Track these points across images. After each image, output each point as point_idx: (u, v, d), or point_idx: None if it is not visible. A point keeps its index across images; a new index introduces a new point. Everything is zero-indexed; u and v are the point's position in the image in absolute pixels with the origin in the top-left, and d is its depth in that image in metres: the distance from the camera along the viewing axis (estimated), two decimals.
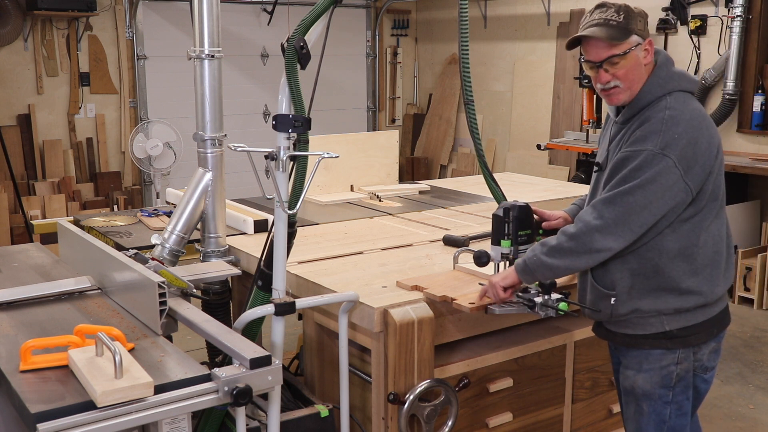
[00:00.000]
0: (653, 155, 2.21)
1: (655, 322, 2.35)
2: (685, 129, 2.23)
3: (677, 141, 2.21)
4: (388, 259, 3.06)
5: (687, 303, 2.32)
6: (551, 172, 7.79)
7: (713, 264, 2.34)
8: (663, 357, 2.37)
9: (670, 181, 2.21)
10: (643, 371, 2.41)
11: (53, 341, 2.01)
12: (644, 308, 2.34)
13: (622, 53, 2.30)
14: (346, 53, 8.94)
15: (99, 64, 7.51)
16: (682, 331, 2.34)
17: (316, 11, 2.45)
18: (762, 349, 5.05)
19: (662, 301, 2.32)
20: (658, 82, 2.33)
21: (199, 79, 2.98)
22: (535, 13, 8.09)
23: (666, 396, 2.40)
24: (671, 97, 2.31)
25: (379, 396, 2.54)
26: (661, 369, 2.38)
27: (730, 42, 6.21)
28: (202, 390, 1.91)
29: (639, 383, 2.42)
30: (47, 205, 7.02)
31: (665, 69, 2.36)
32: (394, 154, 4.64)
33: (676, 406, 2.41)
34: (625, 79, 2.33)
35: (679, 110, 2.27)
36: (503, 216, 2.51)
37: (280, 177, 2.47)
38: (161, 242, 2.93)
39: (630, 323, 2.39)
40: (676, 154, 2.21)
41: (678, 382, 2.39)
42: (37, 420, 1.72)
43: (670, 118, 2.25)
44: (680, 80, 2.35)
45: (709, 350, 2.42)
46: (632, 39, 2.31)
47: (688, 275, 2.31)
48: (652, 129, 2.25)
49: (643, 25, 2.34)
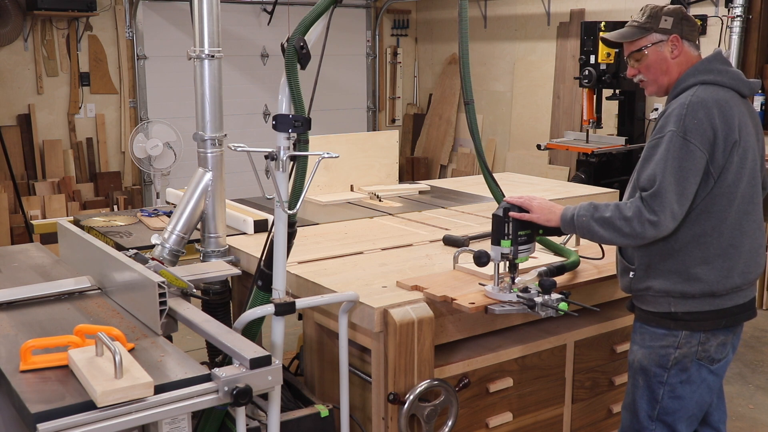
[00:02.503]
0: (677, 138, 2.32)
1: (663, 301, 2.47)
2: (706, 115, 2.34)
3: (698, 126, 2.33)
4: (388, 259, 3.06)
5: (692, 288, 2.42)
6: (551, 172, 7.79)
7: (726, 256, 2.42)
8: (664, 337, 2.49)
9: (698, 165, 2.33)
10: (644, 347, 2.54)
11: (53, 341, 2.01)
12: (656, 287, 2.46)
13: (637, 50, 2.52)
14: (346, 53, 8.94)
15: (99, 64, 7.51)
16: (686, 315, 2.45)
17: (316, 11, 2.45)
18: (762, 349, 5.05)
19: (671, 282, 2.44)
20: (694, 74, 2.46)
21: (199, 79, 2.98)
22: (535, 13, 8.09)
23: (660, 376, 2.51)
24: (701, 87, 2.43)
25: (379, 396, 2.54)
26: (660, 348, 2.50)
27: (730, 42, 6.21)
28: (202, 390, 1.91)
29: (638, 357, 2.56)
30: (47, 205, 7.02)
31: (706, 63, 2.48)
32: (394, 154, 4.64)
33: (670, 388, 2.51)
34: (647, 72, 2.53)
35: (702, 97, 2.37)
36: (503, 216, 2.51)
37: (280, 177, 2.47)
38: (161, 242, 2.93)
39: (644, 299, 2.53)
40: (698, 139, 2.32)
41: (674, 365, 2.49)
42: (37, 420, 1.71)
43: (692, 103, 2.36)
44: (719, 75, 2.45)
45: (717, 342, 2.48)
46: (652, 36, 2.50)
47: (699, 262, 2.41)
48: (674, 113, 2.37)
49: (671, 23, 2.49)
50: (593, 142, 6.66)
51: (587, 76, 6.24)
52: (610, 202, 2.45)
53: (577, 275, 2.82)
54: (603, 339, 3.03)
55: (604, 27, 6.18)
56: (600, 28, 6.19)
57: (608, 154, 6.44)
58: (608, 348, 3.05)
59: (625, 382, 3.10)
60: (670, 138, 2.34)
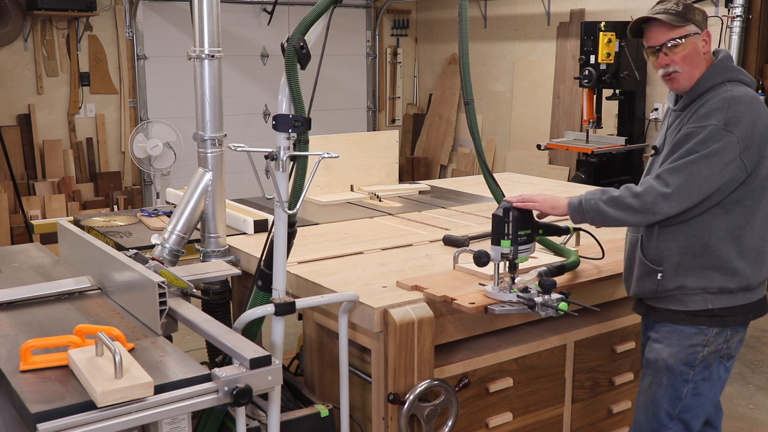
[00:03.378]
0: (717, 129, 2.33)
1: (698, 299, 2.44)
2: (747, 108, 2.36)
3: (739, 119, 2.34)
4: (388, 259, 3.06)
5: (732, 283, 2.41)
6: (551, 172, 7.79)
7: (759, 250, 2.43)
8: (694, 336, 2.47)
9: (730, 156, 2.33)
10: (671, 345, 2.51)
11: (53, 341, 2.01)
12: (690, 285, 2.44)
13: (680, 37, 2.44)
14: (346, 53, 8.94)
15: (99, 64, 7.51)
16: (723, 310, 2.44)
17: (316, 11, 2.45)
18: (762, 349, 5.05)
19: (708, 278, 2.42)
20: (718, 72, 2.46)
21: (199, 79, 2.98)
22: (535, 13, 8.09)
23: (687, 374, 2.50)
24: (731, 84, 2.44)
25: (379, 396, 2.54)
26: (689, 347, 2.48)
27: (730, 42, 6.21)
28: (202, 390, 1.91)
29: (664, 356, 2.52)
30: (47, 205, 7.02)
31: (726, 62, 2.49)
32: (394, 154, 4.64)
33: (693, 386, 2.51)
34: (683, 63, 2.46)
35: (740, 93, 2.40)
36: (503, 216, 2.51)
37: (280, 177, 2.47)
38: (161, 242, 2.93)
39: (674, 299, 2.48)
40: (739, 131, 2.33)
41: (700, 363, 2.49)
42: (37, 420, 1.72)
43: (732, 97, 2.38)
44: (739, 73, 2.49)
45: (738, 338, 2.52)
46: (691, 27, 2.45)
47: (735, 256, 2.40)
48: (715, 106, 2.37)
49: (701, 18, 2.49)
50: (593, 142, 6.66)
51: (587, 76, 6.24)
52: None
53: (577, 275, 2.81)
54: (603, 339, 3.03)
55: (604, 27, 6.19)
56: (600, 28, 6.20)
57: (608, 154, 6.45)
58: (608, 348, 3.05)
59: (625, 382, 3.12)
60: (709, 130, 2.33)
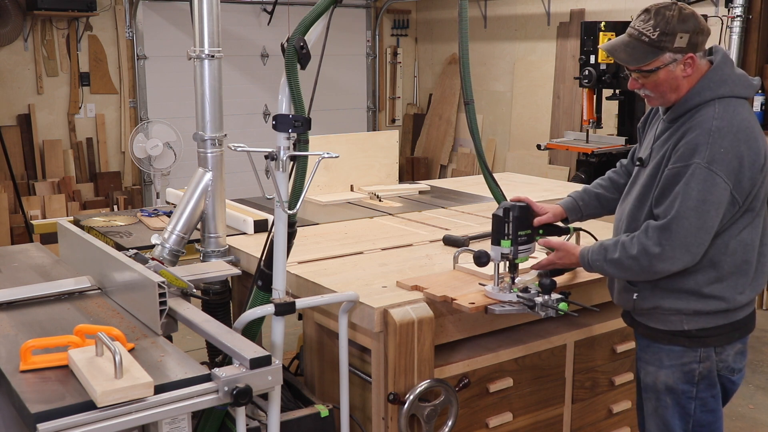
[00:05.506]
0: (701, 169, 2.20)
1: (674, 320, 2.38)
2: (731, 143, 2.22)
3: (723, 155, 2.20)
4: (388, 259, 3.06)
5: (707, 306, 2.34)
6: (551, 172, 7.79)
7: (740, 272, 2.34)
8: (683, 354, 2.40)
9: (721, 197, 2.22)
10: (664, 367, 2.44)
11: (53, 341, 2.01)
12: (665, 306, 2.38)
13: (647, 70, 2.31)
14: (346, 53, 8.94)
15: (99, 64, 7.51)
16: (700, 331, 2.36)
17: (316, 11, 2.45)
18: (762, 349, 5.05)
19: (683, 301, 2.35)
20: (709, 86, 2.30)
21: (199, 79, 2.98)
22: (535, 13, 8.09)
23: (689, 392, 2.42)
24: (720, 105, 2.27)
25: (379, 396, 2.54)
26: (683, 366, 2.41)
27: (730, 42, 6.21)
28: (202, 390, 1.91)
29: (662, 378, 2.45)
30: (47, 205, 7.02)
31: (719, 72, 2.32)
32: (394, 154, 4.64)
33: (701, 402, 2.42)
34: (654, 90, 2.34)
35: (726, 121, 2.24)
36: (503, 216, 2.51)
37: (280, 177, 2.47)
38: (161, 242, 2.93)
39: (652, 317, 2.44)
40: (723, 169, 2.20)
41: (701, 380, 2.40)
42: (37, 420, 1.72)
43: (717, 129, 2.22)
44: (734, 85, 2.31)
45: (734, 352, 2.43)
46: (665, 57, 2.27)
47: (712, 281, 2.32)
48: (698, 141, 2.23)
49: (686, 41, 2.26)
50: (593, 142, 6.65)
51: (587, 76, 6.24)
52: (618, 238, 2.37)
53: (577, 275, 2.81)
54: (603, 339, 3.03)
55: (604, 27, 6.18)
56: (600, 28, 6.19)
57: (608, 154, 6.43)
58: (608, 348, 3.05)
59: (625, 382, 3.11)
60: (693, 170, 2.21)
